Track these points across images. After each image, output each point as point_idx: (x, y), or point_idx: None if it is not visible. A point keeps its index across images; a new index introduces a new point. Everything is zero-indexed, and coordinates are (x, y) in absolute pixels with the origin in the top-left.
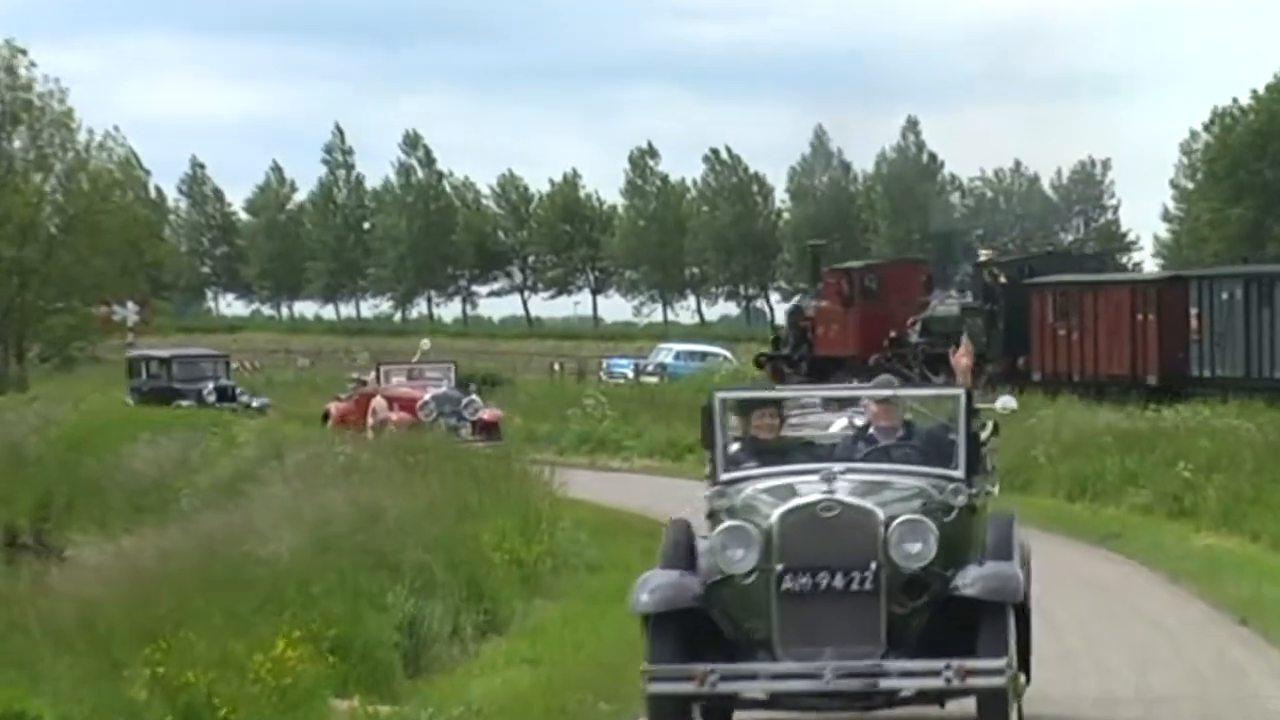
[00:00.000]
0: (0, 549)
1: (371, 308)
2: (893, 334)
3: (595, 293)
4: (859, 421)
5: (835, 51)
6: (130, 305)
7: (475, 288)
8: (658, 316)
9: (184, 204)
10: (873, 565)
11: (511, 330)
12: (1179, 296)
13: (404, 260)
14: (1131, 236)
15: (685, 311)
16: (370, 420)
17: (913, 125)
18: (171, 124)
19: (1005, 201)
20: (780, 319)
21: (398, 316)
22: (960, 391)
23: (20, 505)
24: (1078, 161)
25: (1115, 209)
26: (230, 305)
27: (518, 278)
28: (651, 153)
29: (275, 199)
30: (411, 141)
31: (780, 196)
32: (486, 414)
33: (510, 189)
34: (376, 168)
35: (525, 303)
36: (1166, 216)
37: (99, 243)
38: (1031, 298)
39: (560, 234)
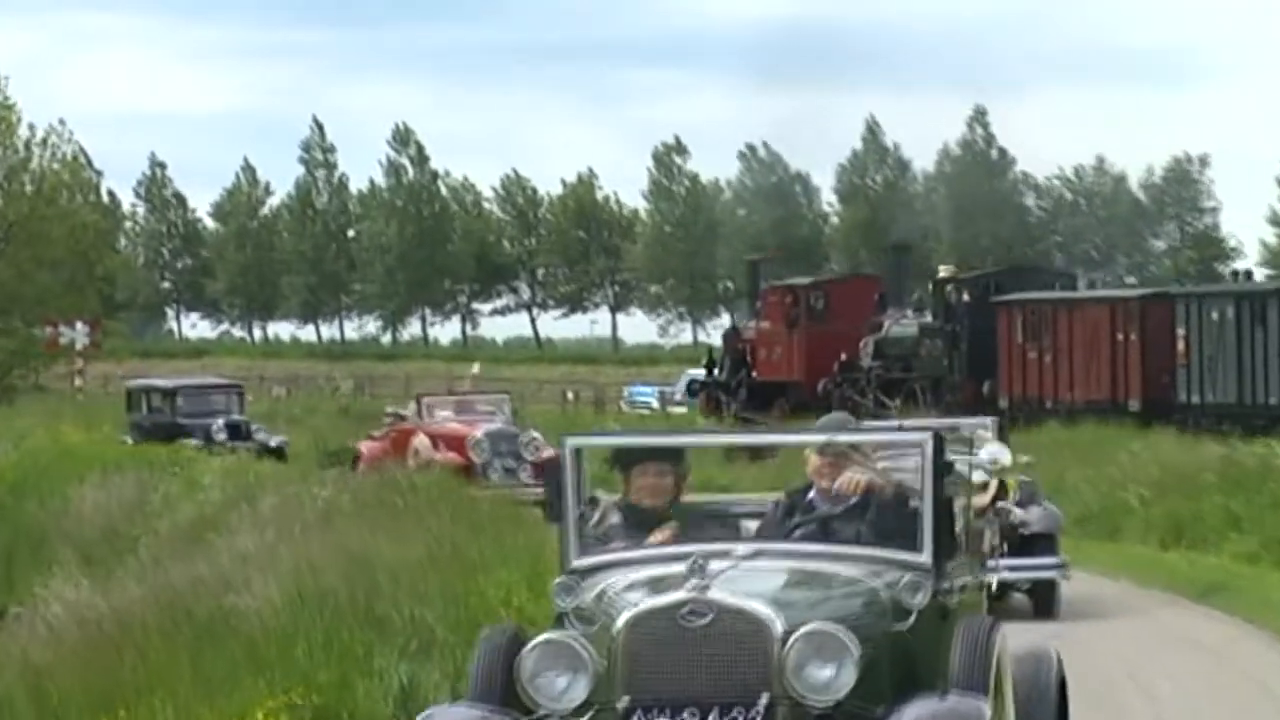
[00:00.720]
0: None
1: (357, 328)
2: (843, 357)
3: (614, 310)
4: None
5: (888, 29)
6: (79, 326)
7: (476, 304)
8: (686, 337)
9: (141, 209)
10: (762, 701)
11: (518, 353)
12: (1164, 315)
13: (394, 273)
14: (1233, 242)
15: (718, 331)
16: (411, 463)
17: (979, 115)
18: (125, 117)
19: (1087, 203)
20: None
21: (387, 338)
22: (924, 437)
23: None
24: (1171, 158)
25: (1215, 212)
26: (195, 326)
27: (525, 293)
28: (679, 148)
29: (246, 203)
30: (401, 137)
31: (827, 198)
32: (549, 453)
33: (515, 190)
34: (361, 167)
35: (534, 321)
36: (1274, 219)
37: (43, 254)
38: (999, 317)
39: (574, 242)
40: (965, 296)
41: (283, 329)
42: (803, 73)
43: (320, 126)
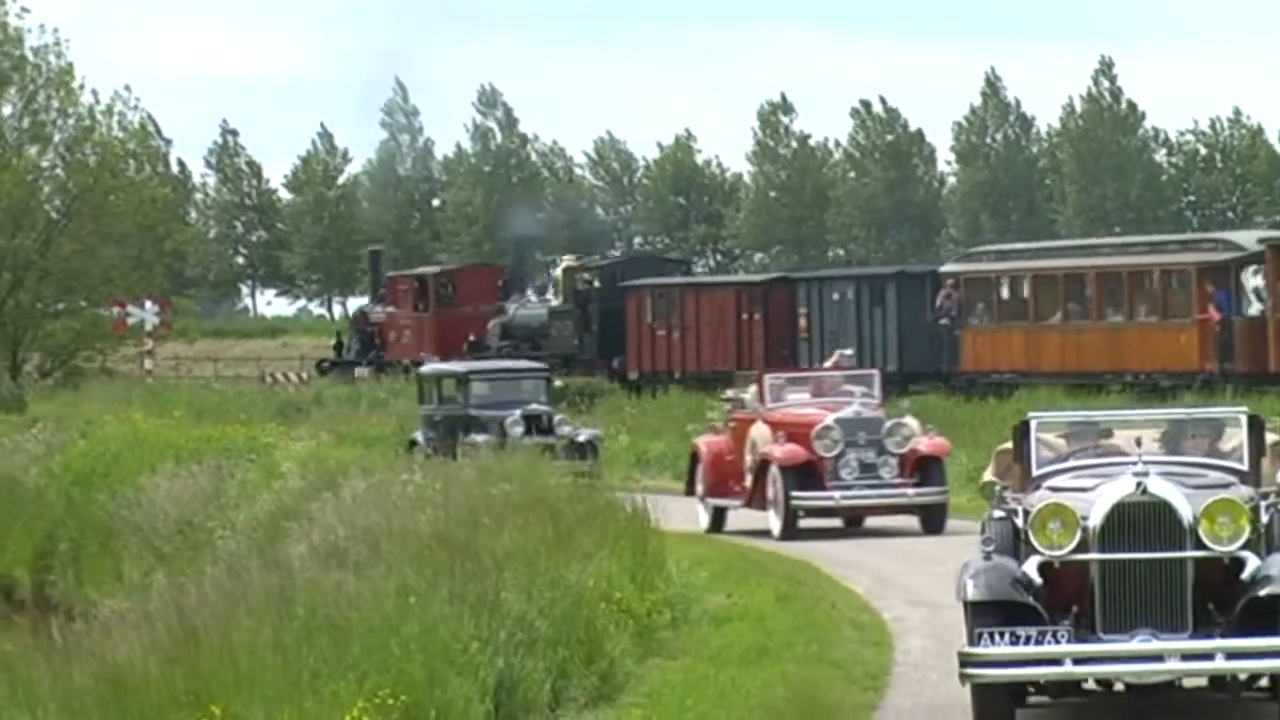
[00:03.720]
0: None
1: None
2: (471, 337)
3: None
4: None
5: None
6: (148, 305)
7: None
8: None
9: (212, 180)
10: None
11: None
12: (786, 297)
13: (481, 244)
14: None
15: None
16: (747, 459)
17: (1106, 68)
18: (195, 82)
19: (1222, 160)
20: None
21: None
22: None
23: (17, 553)
24: None
25: None
26: (270, 303)
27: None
28: (785, 107)
29: (323, 172)
30: (488, 99)
31: (945, 158)
32: (926, 443)
33: (609, 154)
34: (447, 132)
35: None
36: None
37: (109, 229)
38: (628, 300)
39: (672, 209)
40: (595, 283)
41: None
42: (920, 25)
43: (403, 89)
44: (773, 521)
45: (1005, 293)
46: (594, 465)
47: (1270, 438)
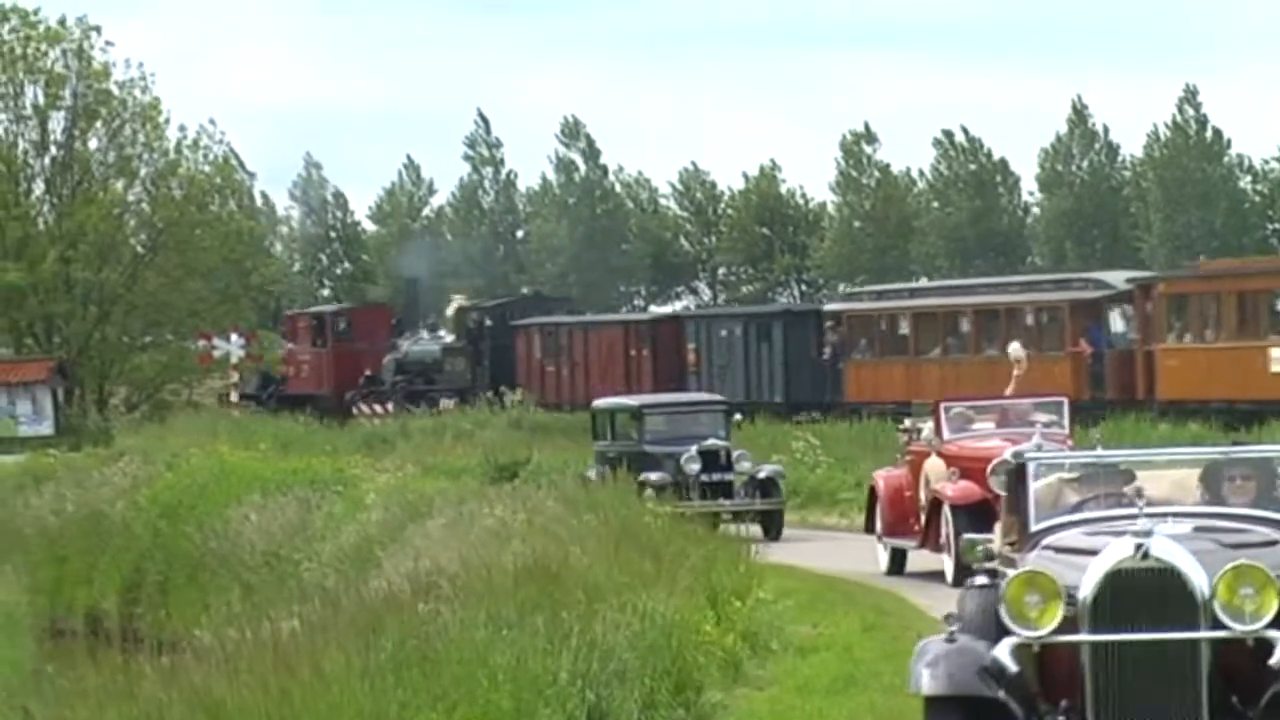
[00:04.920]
0: (81, 638)
1: None
2: (368, 372)
3: None
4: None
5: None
6: (234, 338)
7: (654, 307)
8: None
9: (296, 212)
10: None
11: None
12: (674, 334)
13: (566, 275)
14: None
15: None
16: (921, 497)
17: (1191, 95)
18: (277, 114)
19: None
20: None
21: None
22: None
23: (104, 585)
24: None
25: None
26: None
27: (705, 294)
28: (869, 136)
29: (409, 204)
30: (571, 130)
31: (1029, 186)
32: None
33: (694, 185)
34: (530, 163)
35: None
36: None
37: (194, 262)
38: (518, 338)
39: (757, 239)
40: (487, 321)
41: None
42: (1004, 52)
43: (485, 120)
44: (946, 564)
45: (886, 329)
46: (776, 503)
47: None
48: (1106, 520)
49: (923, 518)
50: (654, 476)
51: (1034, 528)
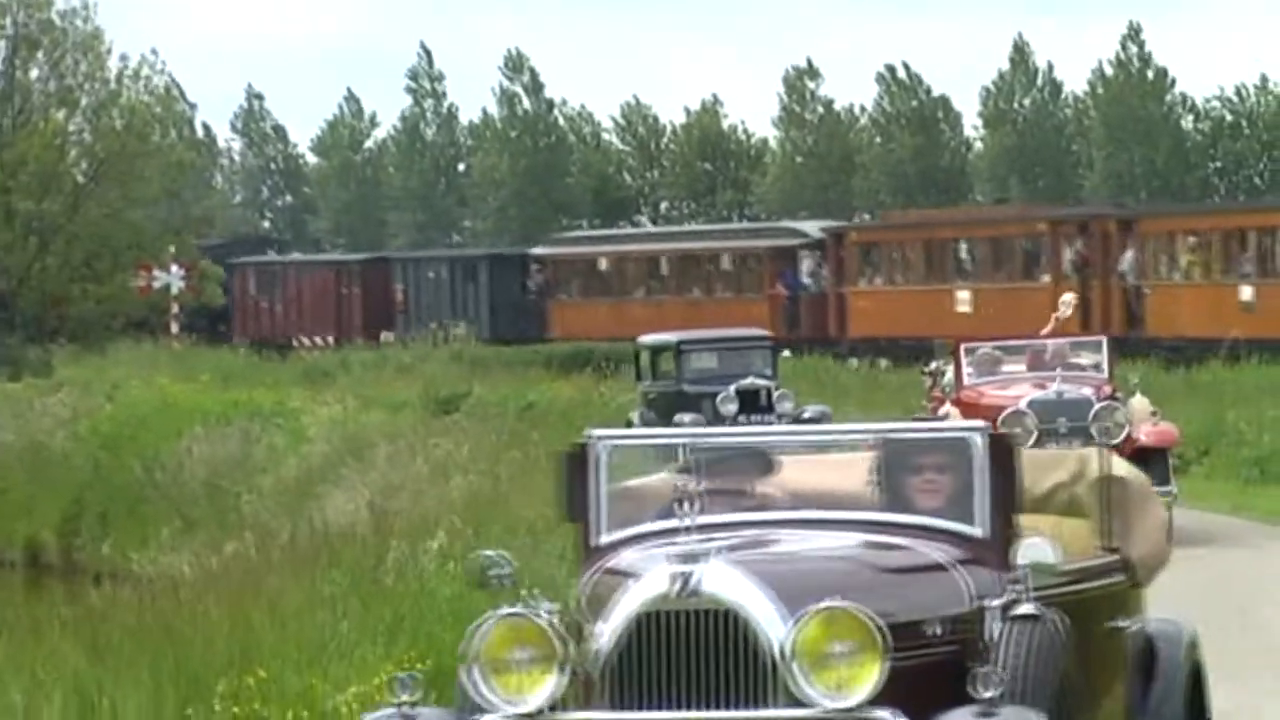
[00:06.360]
0: (21, 569)
1: None
2: None
3: None
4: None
5: None
6: (174, 269)
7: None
8: None
9: (238, 144)
10: None
11: None
12: (383, 274)
13: (507, 209)
14: None
15: None
16: None
17: (1134, 33)
18: (219, 47)
19: (1249, 126)
20: None
21: None
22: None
23: (44, 516)
24: None
25: None
26: None
27: (648, 228)
28: (811, 72)
29: (350, 137)
30: (514, 64)
31: (972, 123)
32: (1147, 431)
33: (636, 120)
34: (472, 97)
35: None
36: None
37: (135, 193)
38: (234, 277)
39: (699, 174)
40: (204, 260)
41: None
42: None
43: (428, 54)
44: None
45: (593, 271)
46: None
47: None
48: (670, 534)
49: None
50: (688, 418)
51: (594, 541)
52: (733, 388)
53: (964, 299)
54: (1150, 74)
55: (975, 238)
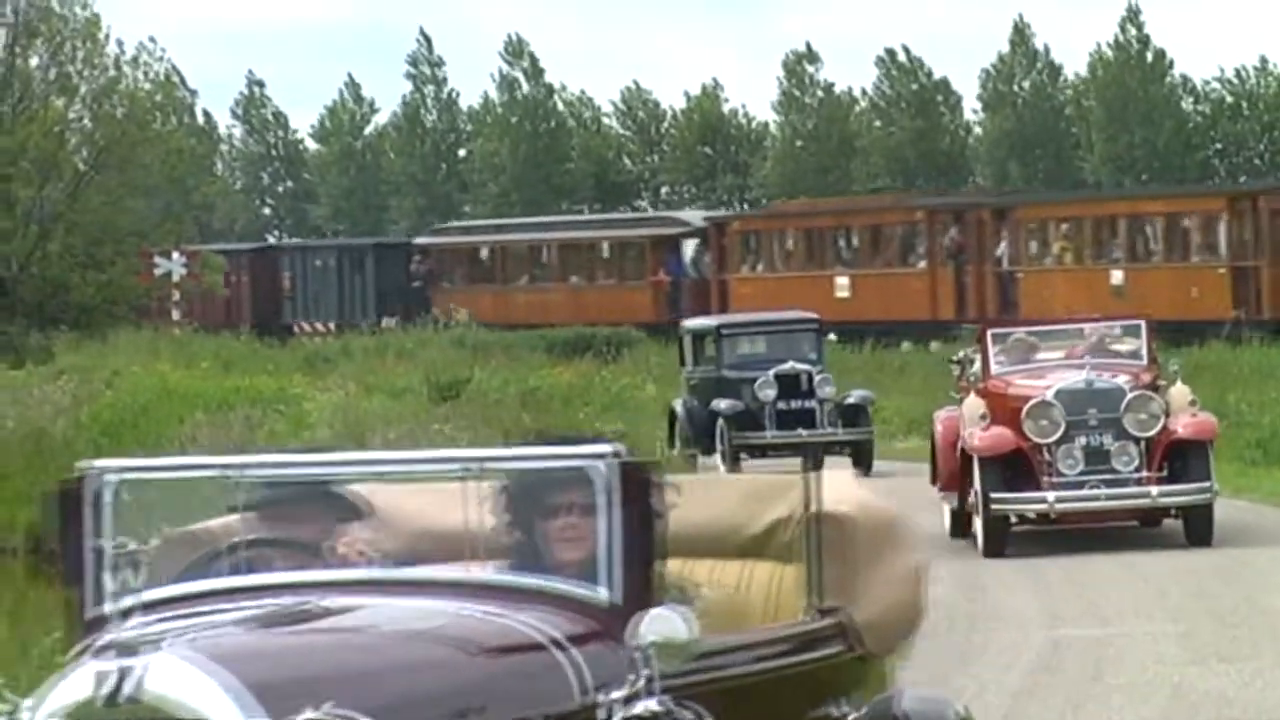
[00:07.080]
0: (23, 556)
1: None
2: None
3: None
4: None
5: None
6: (175, 256)
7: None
8: None
9: (238, 131)
10: None
11: None
12: (271, 263)
13: (508, 194)
14: None
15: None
16: (963, 435)
17: (1134, 14)
18: (220, 34)
19: (1249, 108)
20: None
21: None
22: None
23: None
24: None
25: None
26: None
27: (648, 213)
28: (811, 56)
29: (350, 123)
30: (514, 49)
31: (971, 106)
32: (1185, 422)
33: (636, 105)
34: (472, 82)
35: None
36: None
37: (136, 180)
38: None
39: (699, 159)
40: None
41: None
42: None
43: (428, 39)
44: (978, 529)
45: (474, 260)
46: (865, 432)
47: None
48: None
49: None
50: (724, 404)
51: (90, 613)
52: (771, 373)
53: (843, 284)
54: (1150, 56)
55: (854, 226)
